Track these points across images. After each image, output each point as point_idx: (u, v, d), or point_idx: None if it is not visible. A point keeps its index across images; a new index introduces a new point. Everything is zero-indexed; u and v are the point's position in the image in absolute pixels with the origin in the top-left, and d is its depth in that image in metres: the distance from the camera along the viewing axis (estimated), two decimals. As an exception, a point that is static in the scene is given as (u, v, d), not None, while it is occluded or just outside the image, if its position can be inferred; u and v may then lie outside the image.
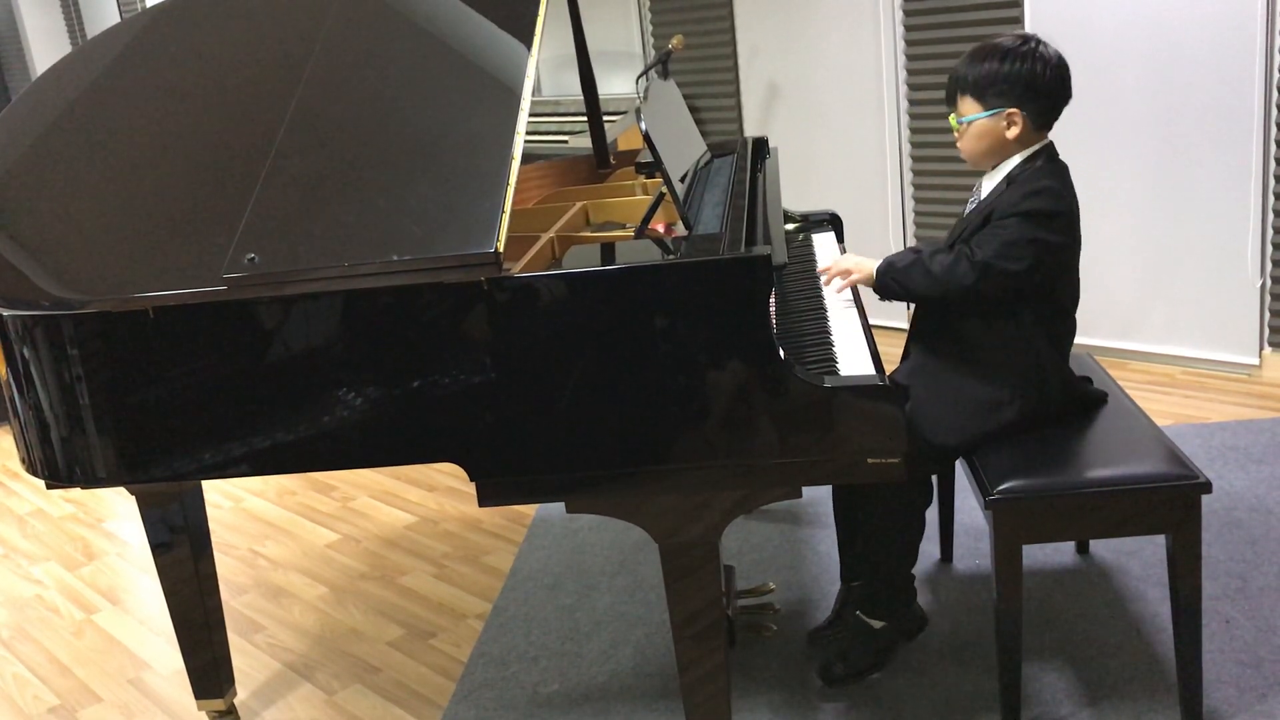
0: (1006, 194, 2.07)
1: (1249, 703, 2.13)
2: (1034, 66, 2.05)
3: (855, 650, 2.29)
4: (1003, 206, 2.05)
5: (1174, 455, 2.01)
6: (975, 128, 2.11)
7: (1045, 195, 2.02)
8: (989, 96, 2.08)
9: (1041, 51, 2.07)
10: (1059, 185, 2.05)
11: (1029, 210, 2.01)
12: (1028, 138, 2.10)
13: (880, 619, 2.28)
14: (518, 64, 2.06)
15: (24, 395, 1.96)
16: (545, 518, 3.25)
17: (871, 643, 2.29)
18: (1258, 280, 3.63)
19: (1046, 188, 2.03)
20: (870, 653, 2.29)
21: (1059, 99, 2.10)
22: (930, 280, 2.07)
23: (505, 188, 1.81)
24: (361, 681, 2.58)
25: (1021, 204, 2.02)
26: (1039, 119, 2.09)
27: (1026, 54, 2.06)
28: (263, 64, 2.29)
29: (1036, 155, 2.10)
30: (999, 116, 2.08)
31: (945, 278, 2.05)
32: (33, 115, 2.37)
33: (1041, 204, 2.02)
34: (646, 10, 5.10)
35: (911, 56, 4.26)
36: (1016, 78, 2.06)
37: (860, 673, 2.29)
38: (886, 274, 2.14)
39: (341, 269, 1.78)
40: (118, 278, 1.95)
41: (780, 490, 1.81)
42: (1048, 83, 2.06)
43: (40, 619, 3.05)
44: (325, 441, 1.84)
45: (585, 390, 1.76)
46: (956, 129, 2.16)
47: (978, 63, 2.09)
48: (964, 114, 2.13)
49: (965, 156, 2.17)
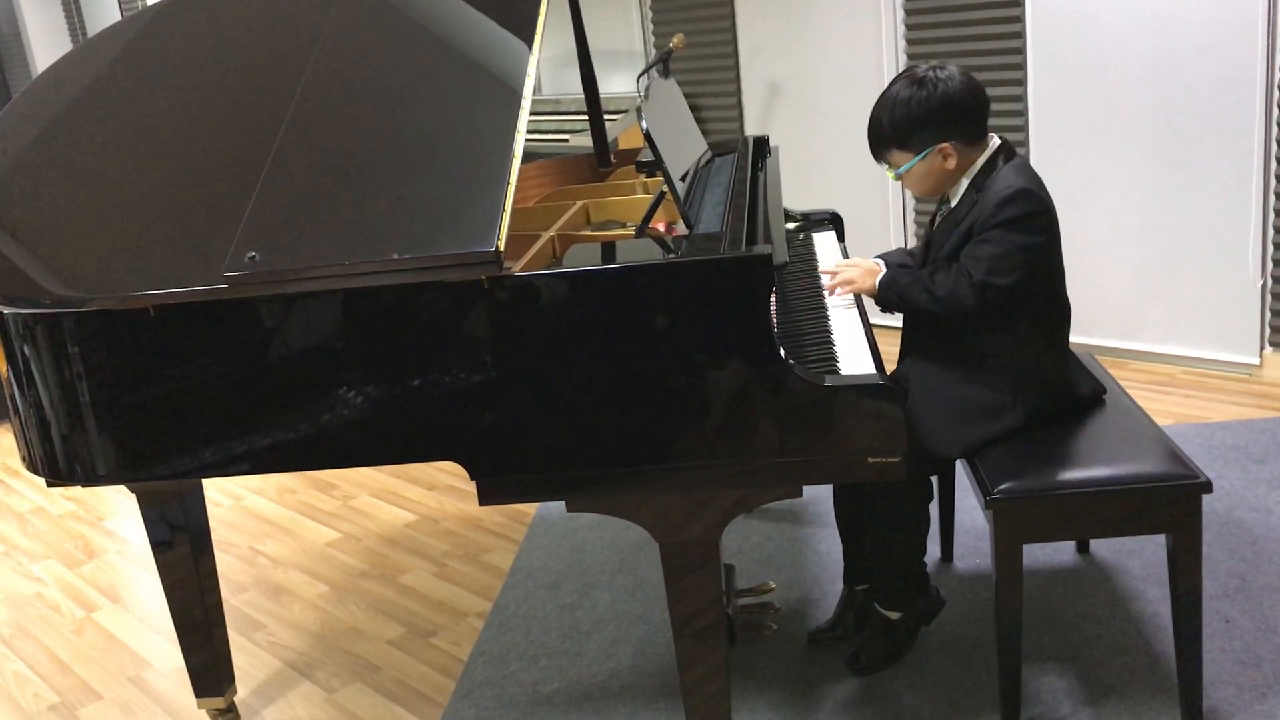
0: (980, 203, 2.07)
1: (1249, 702, 2.13)
2: (941, 92, 2.06)
3: (877, 642, 2.34)
4: (981, 219, 2.05)
5: (1174, 455, 2.01)
6: (914, 173, 2.13)
7: (1020, 199, 2.02)
8: (913, 140, 2.10)
9: (942, 75, 2.08)
10: (1028, 182, 2.05)
11: (1008, 219, 2.02)
12: (967, 158, 2.11)
13: (897, 610, 2.31)
14: (519, 63, 2.06)
15: (24, 393, 1.96)
16: (545, 516, 3.25)
17: (892, 633, 2.33)
18: (1258, 280, 3.63)
19: (1019, 191, 2.02)
20: (892, 643, 2.34)
21: (977, 113, 2.10)
22: (932, 300, 2.09)
23: (506, 186, 1.81)
24: (362, 680, 2.58)
25: (999, 214, 2.02)
26: (968, 139, 2.10)
27: (927, 82, 2.07)
28: (264, 62, 2.29)
29: (993, 158, 2.11)
30: (931, 155, 2.10)
31: (947, 299, 2.06)
32: (33, 113, 2.37)
33: (1019, 209, 2.02)
34: (647, 9, 5.10)
35: (913, 56, 4.25)
36: (931, 113, 2.06)
37: (884, 662, 2.33)
38: (889, 289, 2.15)
39: (342, 267, 1.78)
40: (118, 276, 1.95)
41: (781, 489, 1.81)
42: (958, 104, 2.07)
43: (40, 617, 3.05)
44: (325, 440, 1.84)
45: (586, 389, 1.76)
46: (895, 179, 2.17)
47: (888, 114, 2.11)
48: (897, 165, 2.15)
49: (919, 195, 2.19)
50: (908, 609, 2.31)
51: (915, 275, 2.14)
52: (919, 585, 2.32)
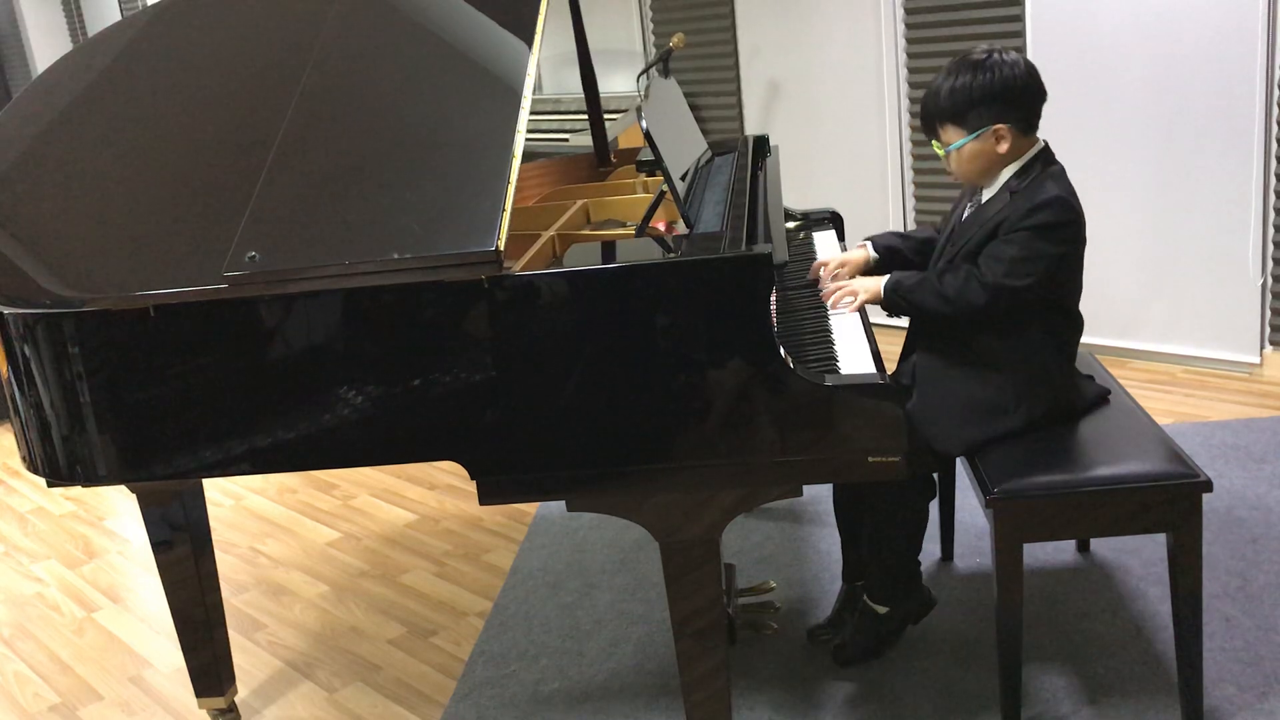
0: (1011, 205, 2.05)
1: (1249, 701, 2.13)
2: (1005, 75, 2.03)
3: (863, 634, 2.35)
4: (1011, 220, 2.03)
5: (1175, 454, 2.01)
6: (965, 151, 2.10)
7: (1054, 207, 2.00)
8: (969, 118, 2.06)
9: (1007, 59, 2.05)
10: (1063, 193, 2.03)
11: (1038, 224, 2.00)
12: (1018, 147, 2.08)
13: (885, 605, 2.31)
14: (519, 62, 2.06)
15: (25, 393, 1.96)
16: (546, 516, 3.25)
17: (878, 627, 2.33)
18: (1258, 279, 3.63)
19: (1054, 199, 2.01)
20: (877, 636, 2.34)
21: (1037, 100, 2.08)
22: (941, 301, 2.07)
23: (506, 186, 1.81)
24: (362, 679, 2.58)
25: (1029, 218, 2.00)
26: (1024, 125, 2.07)
27: (993, 65, 2.04)
28: (264, 61, 2.29)
29: (1033, 162, 2.08)
30: (985, 135, 2.06)
31: (956, 300, 2.05)
32: (33, 113, 2.37)
33: (1052, 216, 2.00)
34: (647, 8, 5.10)
35: (912, 55, 4.25)
36: (992, 92, 2.04)
37: (868, 654, 2.35)
38: (895, 292, 2.12)
39: (342, 267, 1.78)
40: (118, 276, 1.94)
41: (781, 488, 1.81)
42: (1022, 87, 2.05)
43: (41, 617, 3.05)
44: (326, 439, 1.84)
45: (586, 389, 1.76)
46: (944, 157, 2.14)
47: (948, 87, 2.07)
48: (949, 142, 2.11)
49: (961, 179, 2.16)
50: (896, 605, 2.31)
51: (922, 277, 2.12)
52: (910, 583, 2.32)
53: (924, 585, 2.35)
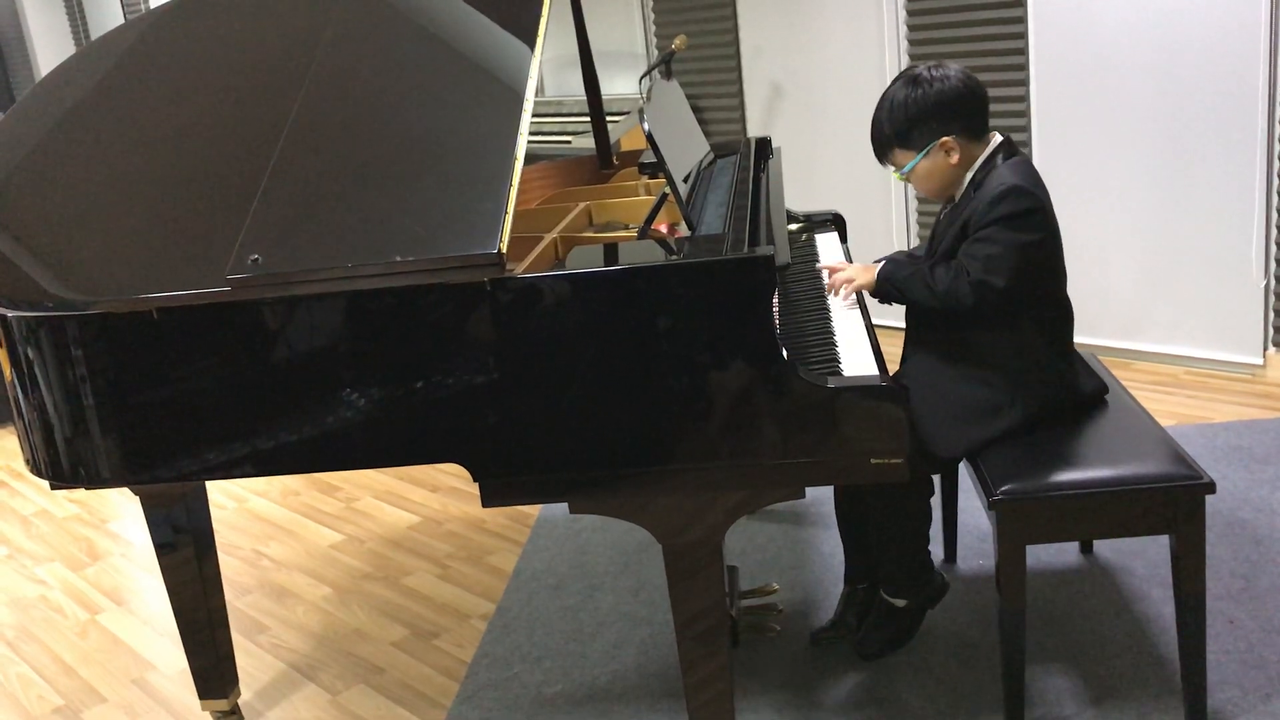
0: (976, 199, 2.08)
1: (1253, 703, 2.13)
2: (938, 89, 2.08)
3: (884, 627, 2.36)
4: (977, 215, 2.06)
5: (1178, 455, 2.01)
6: (919, 171, 2.15)
7: (1014, 196, 2.03)
8: (913, 138, 2.12)
9: (936, 73, 2.10)
10: (1024, 180, 2.05)
11: (1002, 215, 2.02)
12: (970, 153, 2.12)
13: (903, 598, 2.32)
14: (521, 64, 2.06)
15: (28, 396, 1.97)
16: (548, 518, 3.25)
17: (898, 620, 2.35)
18: (1262, 280, 3.63)
19: (1013, 187, 2.03)
20: (898, 629, 2.36)
21: (977, 106, 2.11)
22: (931, 295, 2.10)
23: (508, 188, 1.81)
24: (365, 682, 2.58)
25: (994, 210, 2.03)
26: (970, 133, 2.11)
27: (924, 81, 2.10)
28: (266, 64, 2.29)
29: (993, 156, 2.12)
30: (933, 151, 2.11)
31: (946, 295, 2.08)
32: (37, 116, 2.37)
33: (1011, 206, 2.02)
34: (649, 10, 5.10)
35: (915, 56, 4.25)
36: (929, 108, 2.09)
37: (891, 646, 2.37)
38: (887, 281, 2.17)
39: (345, 270, 1.79)
40: (121, 279, 1.95)
41: (783, 490, 1.81)
42: (957, 97, 2.09)
43: (45, 619, 3.06)
44: (329, 442, 1.84)
45: (588, 391, 1.76)
46: (901, 180, 2.19)
47: (889, 115, 2.13)
48: (901, 164, 2.17)
49: (927, 196, 2.21)
50: (912, 596, 2.32)
51: (914, 268, 2.15)
52: (922, 575, 2.32)
53: (936, 570, 2.35)
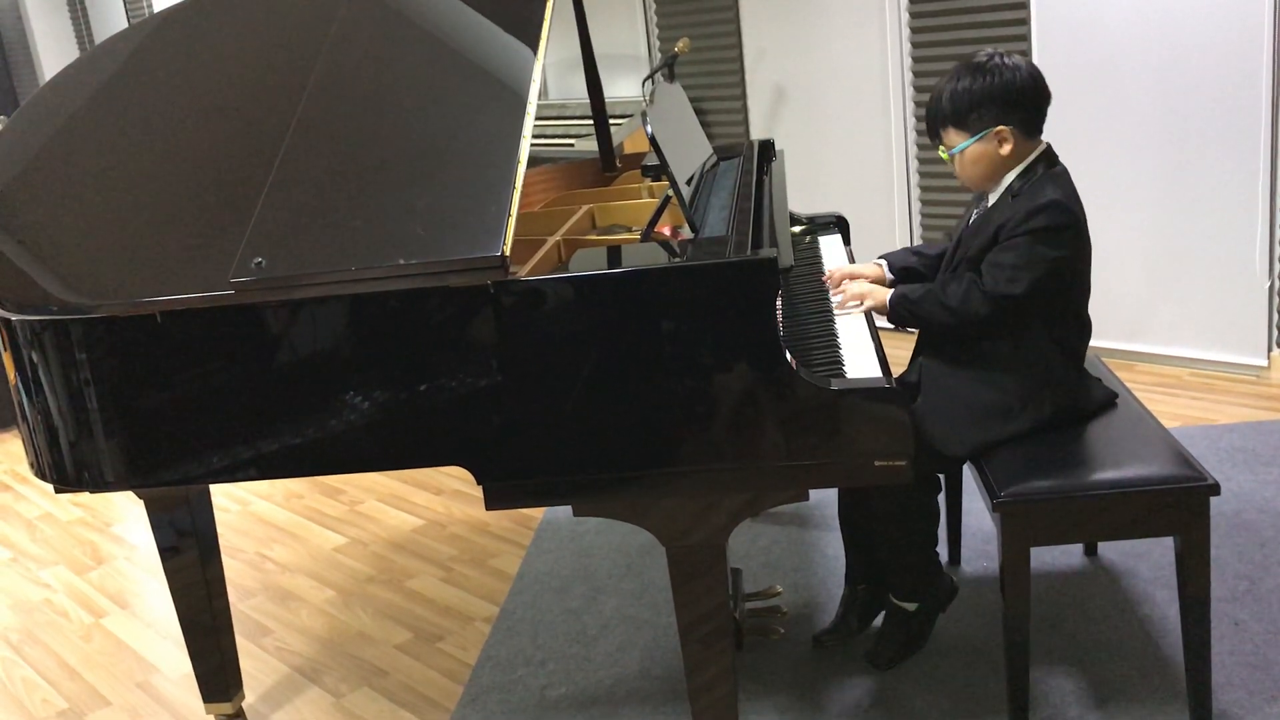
0: (1012, 208, 2.06)
1: (1258, 705, 2.13)
2: (1006, 78, 2.05)
3: (896, 633, 2.35)
4: (1011, 223, 2.04)
5: (1182, 457, 2.00)
6: (968, 154, 2.11)
7: (1051, 210, 2.01)
8: (971, 121, 2.09)
9: (1008, 62, 2.07)
10: (1063, 196, 2.04)
11: (1036, 228, 2.01)
12: (1021, 149, 2.09)
13: (913, 601, 2.32)
14: (524, 67, 2.06)
15: (32, 399, 1.97)
16: (552, 521, 3.25)
17: (910, 624, 2.34)
18: (1266, 281, 3.62)
19: (1052, 202, 2.02)
20: (909, 635, 2.35)
21: (1040, 103, 2.09)
22: (945, 313, 2.08)
23: (511, 191, 1.81)
24: (369, 685, 2.58)
25: (1028, 221, 2.02)
26: (1027, 128, 2.09)
27: (994, 68, 2.06)
28: (269, 68, 2.29)
29: (1035, 164, 2.10)
30: (988, 138, 2.08)
31: (960, 311, 2.06)
32: (41, 121, 2.38)
33: (1048, 220, 2.01)
34: (652, 13, 5.11)
35: (918, 59, 4.25)
36: (993, 95, 2.05)
37: (904, 652, 2.35)
38: (901, 305, 2.15)
39: (348, 273, 1.79)
40: (125, 282, 1.95)
41: (787, 493, 1.81)
42: (1024, 90, 2.06)
43: (49, 623, 3.06)
44: (332, 445, 1.84)
45: (592, 393, 1.76)
46: (948, 160, 2.16)
47: (950, 91, 2.09)
48: (952, 145, 2.13)
49: (965, 183, 2.18)
50: (924, 599, 2.32)
51: (926, 289, 2.13)
52: (933, 575, 2.32)
53: (945, 573, 2.35)
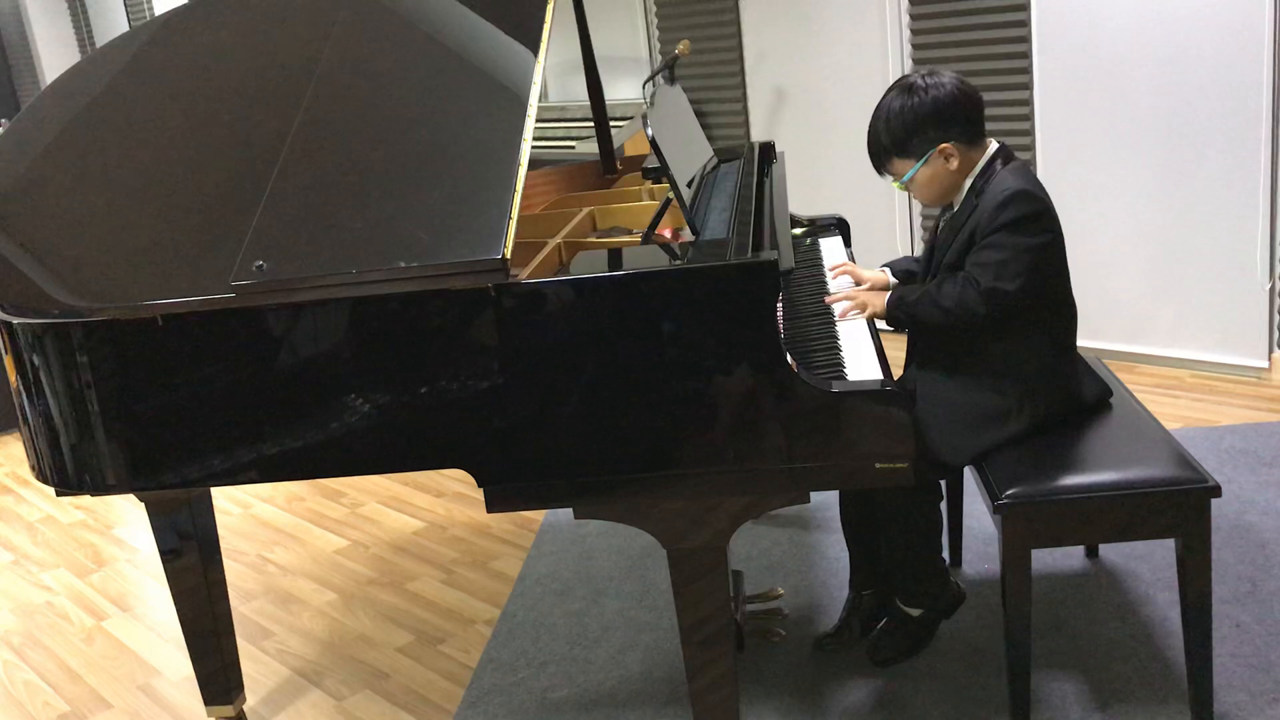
0: (979, 208, 2.08)
1: (1260, 707, 2.13)
2: (934, 95, 2.08)
3: (898, 636, 2.36)
4: (983, 224, 2.05)
5: (1183, 459, 2.00)
6: (918, 179, 2.14)
7: (1018, 200, 2.02)
8: (913, 146, 2.11)
9: (931, 80, 2.10)
10: (1026, 183, 2.05)
11: (1009, 221, 2.02)
12: (969, 158, 2.12)
13: (917, 607, 2.32)
14: (525, 70, 2.06)
15: (34, 402, 1.97)
16: (553, 523, 3.25)
17: (913, 628, 2.35)
18: (1266, 283, 3.62)
19: (1016, 192, 2.03)
20: (913, 637, 2.36)
21: (973, 111, 2.11)
22: (942, 313, 2.09)
23: (512, 194, 1.81)
24: (370, 687, 2.58)
25: (999, 217, 2.03)
26: (967, 138, 2.11)
27: (919, 89, 2.09)
28: (270, 72, 2.29)
29: (990, 162, 2.12)
30: (933, 159, 2.11)
31: (956, 309, 2.07)
32: (42, 124, 2.38)
33: (1019, 210, 2.02)
34: (653, 16, 5.11)
35: (918, 61, 4.25)
36: (924, 115, 2.08)
37: (905, 654, 2.36)
38: (898, 308, 2.16)
39: (349, 276, 1.79)
40: (126, 285, 1.95)
41: (788, 495, 1.81)
42: (955, 103, 2.08)
43: (50, 625, 3.06)
44: (334, 448, 1.84)
45: (593, 396, 1.76)
46: (902, 189, 2.19)
47: (885, 124, 2.12)
48: (900, 174, 2.16)
49: (927, 204, 2.20)
50: (929, 606, 2.32)
51: (922, 290, 2.14)
52: (939, 582, 2.32)
53: (951, 580, 2.35)
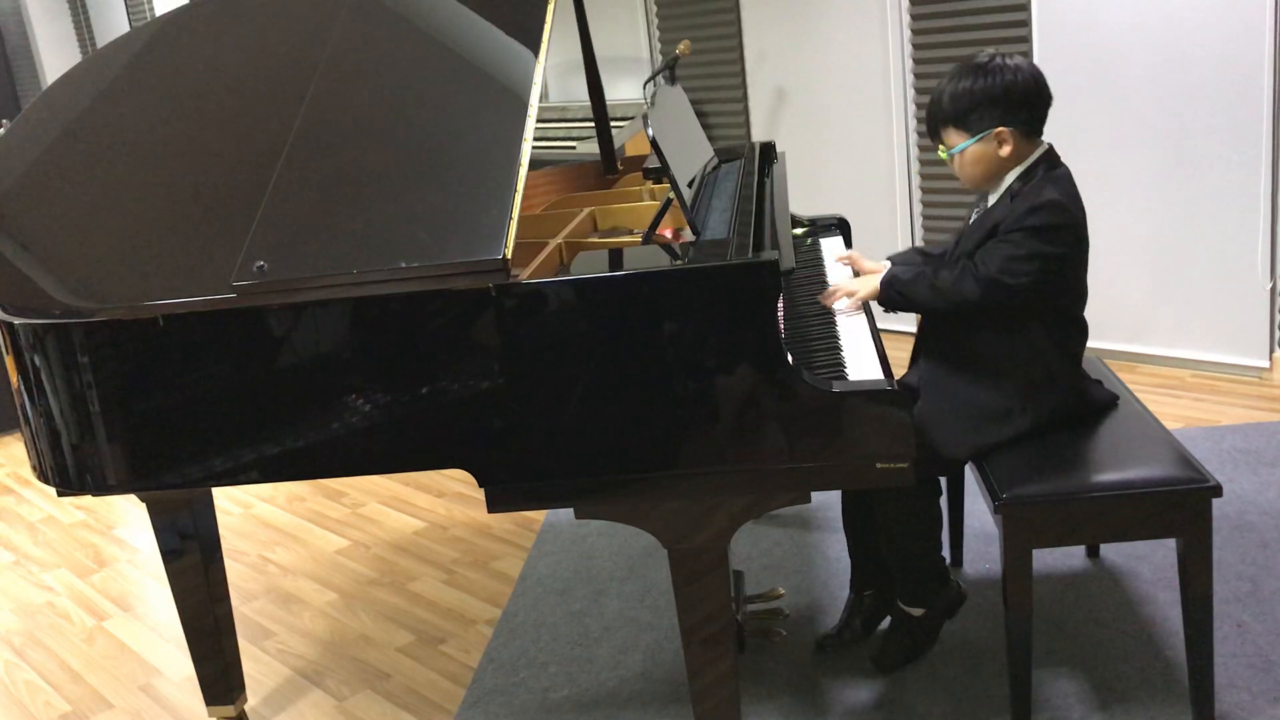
0: (1012, 207, 2.06)
1: (1261, 707, 2.13)
2: (1007, 79, 2.05)
3: (901, 638, 2.35)
4: (1009, 221, 2.04)
5: (1184, 458, 2.00)
6: (967, 155, 2.11)
7: (1050, 209, 2.01)
8: (971, 121, 2.08)
9: (1010, 63, 2.07)
10: (1063, 196, 2.04)
11: (1034, 225, 2.01)
12: (1021, 150, 2.09)
13: (919, 606, 2.31)
14: (525, 70, 2.06)
15: (35, 403, 1.97)
16: (554, 523, 3.25)
17: (915, 629, 2.33)
18: (1268, 283, 3.62)
19: (1051, 202, 2.01)
20: (915, 639, 2.34)
21: (1041, 104, 2.09)
22: (935, 295, 2.08)
23: (513, 194, 1.81)
24: (371, 688, 2.58)
25: (1027, 219, 2.01)
26: (1027, 129, 2.08)
27: (996, 69, 2.06)
28: (271, 72, 2.30)
29: (1035, 165, 2.10)
30: (988, 139, 2.08)
31: (950, 293, 2.06)
32: (43, 124, 2.38)
33: (1046, 218, 2.01)
34: (654, 16, 5.11)
35: (919, 60, 4.25)
36: (994, 96, 2.05)
37: (909, 657, 2.35)
38: (891, 287, 2.15)
39: (350, 276, 1.79)
40: (127, 286, 1.95)
41: (789, 495, 1.81)
42: (1025, 91, 2.06)
43: (51, 626, 3.06)
44: (335, 448, 1.85)
45: (593, 396, 1.76)
46: (948, 160, 2.16)
47: (950, 91, 2.09)
48: (951, 145, 2.13)
49: (965, 183, 2.17)
50: (930, 605, 2.31)
51: (918, 271, 2.13)
52: (939, 580, 2.32)
53: (953, 579, 2.35)
